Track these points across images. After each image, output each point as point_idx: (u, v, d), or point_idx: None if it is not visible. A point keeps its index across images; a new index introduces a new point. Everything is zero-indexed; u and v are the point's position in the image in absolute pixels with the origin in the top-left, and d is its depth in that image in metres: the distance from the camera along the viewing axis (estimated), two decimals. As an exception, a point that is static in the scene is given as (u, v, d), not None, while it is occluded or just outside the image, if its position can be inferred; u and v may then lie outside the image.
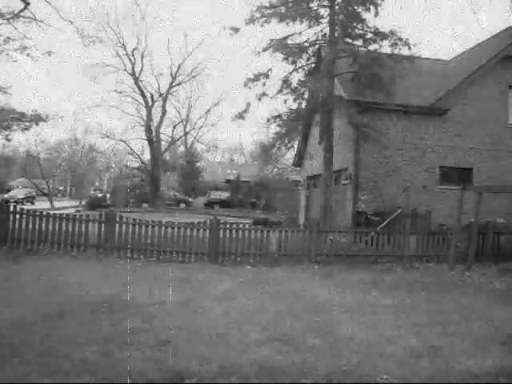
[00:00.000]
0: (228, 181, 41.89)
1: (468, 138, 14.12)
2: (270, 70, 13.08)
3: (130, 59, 31.16)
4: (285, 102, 13.81)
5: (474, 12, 24.93)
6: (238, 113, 13.32)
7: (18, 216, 9.40)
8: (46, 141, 42.10)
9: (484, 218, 11.85)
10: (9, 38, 14.89)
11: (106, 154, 38.24)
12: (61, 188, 58.48)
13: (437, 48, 69.36)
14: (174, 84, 33.22)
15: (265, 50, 12.72)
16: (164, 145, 34.77)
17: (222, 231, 9.81)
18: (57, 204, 31.24)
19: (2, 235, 9.21)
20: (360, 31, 12.73)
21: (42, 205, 26.36)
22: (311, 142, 18.21)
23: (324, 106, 12.63)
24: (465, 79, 13.95)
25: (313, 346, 4.19)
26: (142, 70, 31.68)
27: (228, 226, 10.01)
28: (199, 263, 9.35)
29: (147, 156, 35.06)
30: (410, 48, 12.38)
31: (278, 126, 13.47)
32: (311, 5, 12.86)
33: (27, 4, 14.08)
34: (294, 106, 13.65)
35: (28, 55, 15.64)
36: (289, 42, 12.95)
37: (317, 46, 13.62)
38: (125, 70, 31.26)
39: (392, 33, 12.32)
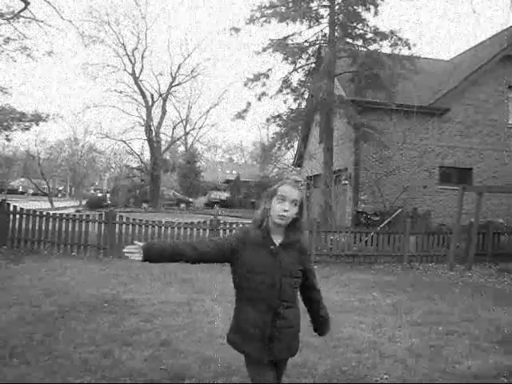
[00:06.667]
0: (228, 181, 41.89)
1: (468, 138, 14.13)
2: (270, 69, 13.11)
3: (130, 59, 31.12)
4: (285, 101, 13.86)
5: (474, 12, 24.94)
6: (237, 112, 13.33)
7: (17, 216, 9.40)
8: (46, 141, 42.22)
9: (484, 218, 11.87)
10: (9, 38, 14.90)
11: (106, 154, 38.18)
12: (61, 188, 58.54)
13: (437, 48, 69.38)
14: (174, 84, 33.15)
15: (265, 50, 12.73)
16: (164, 145, 34.71)
17: (221, 231, 9.81)
18: (57, 204, 31.22)
19: (1, 235, 9.23)
20: (360, 31, 12.74)
21: (42, 205, 26.30)
22: (311, 142, 18.21)
23: (324, 105, 12.62)
24: (465, 79, 13.96)
25: (313, 346, 4.19)
26: (142, 69, 31.62)
27: (228, 225, 10.01)
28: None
29: (147, 156, 35.01)
30: (410, 48, 12.39)
31: (278, 125, 13.47)
32: (311, 5, 12.86)
33: (27, 4, 14.11)
34: (294, 105, 13.67)
35: (28, 55, 15.66)
36: (289, 42, 12.96)
37: (317, 46, 13.62)
38: (125, 69, 31.21)
39: (392, 33, 12.32)
